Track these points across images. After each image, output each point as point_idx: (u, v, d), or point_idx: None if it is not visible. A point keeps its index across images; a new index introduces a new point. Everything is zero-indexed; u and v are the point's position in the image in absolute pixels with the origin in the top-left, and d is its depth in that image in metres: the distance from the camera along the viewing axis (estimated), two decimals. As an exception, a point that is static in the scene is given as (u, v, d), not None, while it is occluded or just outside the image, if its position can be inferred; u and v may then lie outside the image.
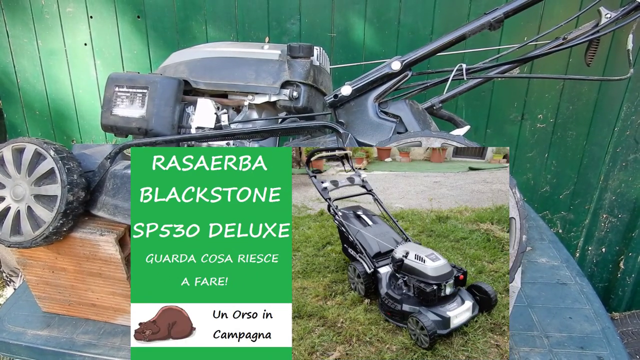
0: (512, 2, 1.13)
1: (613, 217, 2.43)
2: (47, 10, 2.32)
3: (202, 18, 2.25)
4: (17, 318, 1.36)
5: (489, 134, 2.33)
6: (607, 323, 1.29)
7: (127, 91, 1.31)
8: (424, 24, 2.16)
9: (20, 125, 2.60)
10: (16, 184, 1.18)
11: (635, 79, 2.15)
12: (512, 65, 1.30)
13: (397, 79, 1.22)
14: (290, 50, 1.32)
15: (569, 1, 2.07)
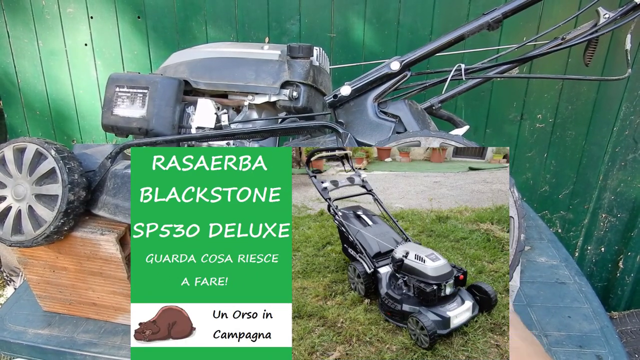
0: (510, 3, 1.13)
1: (612, 216, 2.43)
2: (48, 10, 2.32)
3: (202, 18, 2.25)
4: (18, 317, 1.36)
5: (488, 134, 2.34)
6: (606, 322, 1.30)
7: (127, 91, 1.31)
8: (423, 24, 2.16)
9: (21, 125, 2.60)
10: (17, 184, 1.19)
11: (633, 79, 2.15)
12: (511, 65, 1.30)
13: (396, 79, 1.22)
14: (290, 51, 1.32)
15: (568, 1, 2.08)
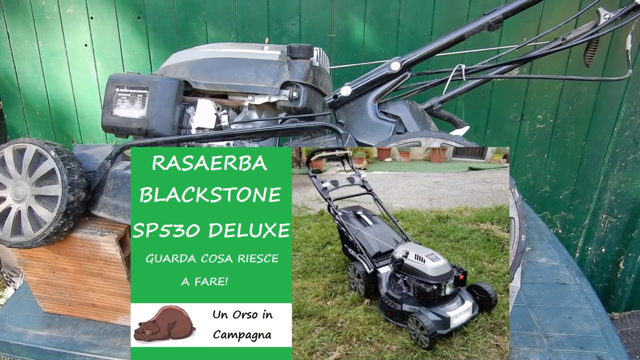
0: (511, 3, 1.13)
1: (612, 217, 2.43)
2: (48, 11, 2.32)
3: (202, 19, 2.25)
4: (17, 318, 1.36)
5: (488, 134, 2.34)
6: (606, 323, 1.29)
7: (127, 92, 1.31)
8: (423, 25, 2.16)
9: (21, 126, 2.60)
10: (17, 185, 1.18)
11: (634, 79, 2.15)
12: (512, 65, 1.30)
13: (396, 80, 1.22)
14: (290, 51, 1.32)
15: (568, 2, 2.07)
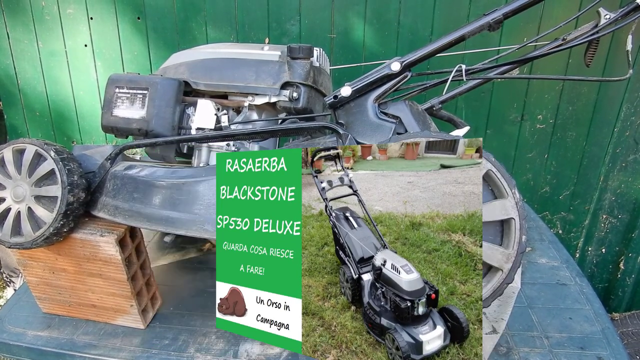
0: (511, 3, 1.13)
1: (613, 217, 2.43)
2: (48, 11, 2.32)
3: (202, 19, 2.25)
4: (17, 319, 1.36)
5: (488, 134, 2.34)
6: (607, 323, 1.29)
7: (127, 92, 1.31)
8: (423, 25, 2.16)
9: (21, 126, 2.60)
10: (17, 185, 1.18)
11: (634, 80, 2.15)
12: (512, 66, 1.30)
13: (396, 80, 1.22)
14: (290, 51, 1.32)
15: (569, 2, 2.07)
